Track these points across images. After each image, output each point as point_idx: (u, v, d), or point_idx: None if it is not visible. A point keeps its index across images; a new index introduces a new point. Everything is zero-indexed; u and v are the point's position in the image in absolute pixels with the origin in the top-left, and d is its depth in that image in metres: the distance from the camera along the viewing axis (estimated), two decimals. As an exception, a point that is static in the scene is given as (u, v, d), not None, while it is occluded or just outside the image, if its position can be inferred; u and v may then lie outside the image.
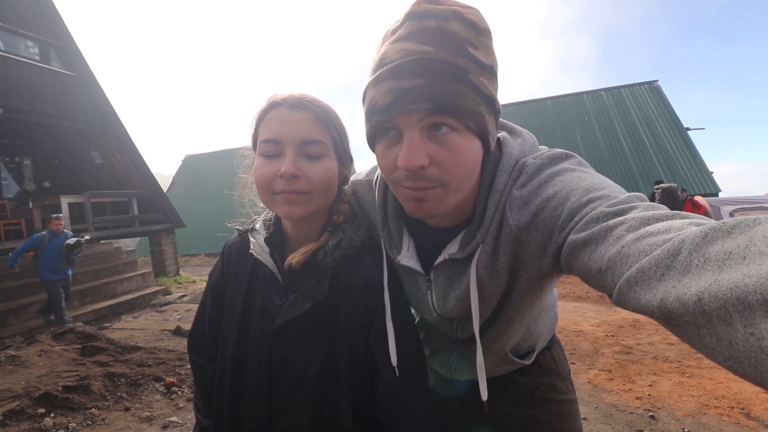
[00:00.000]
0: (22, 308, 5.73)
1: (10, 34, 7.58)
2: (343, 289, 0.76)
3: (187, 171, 21.85)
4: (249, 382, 0.75)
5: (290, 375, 0.74)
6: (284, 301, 0.75)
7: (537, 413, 0.91)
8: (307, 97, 0.72)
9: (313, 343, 0.74)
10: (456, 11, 0.57)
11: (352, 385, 0.73)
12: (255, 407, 0.74)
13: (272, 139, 0.70)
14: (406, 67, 0.55)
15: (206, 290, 0.89)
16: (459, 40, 0.56)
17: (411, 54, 0.56)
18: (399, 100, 0.56)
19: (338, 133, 0.75)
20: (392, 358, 0.72)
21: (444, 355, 0.91)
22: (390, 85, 0.56)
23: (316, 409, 0.72)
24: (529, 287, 0.69)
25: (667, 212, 0.45)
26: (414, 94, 0.55)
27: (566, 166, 0.64)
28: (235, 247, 0.86)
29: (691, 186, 13.33)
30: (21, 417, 2.75)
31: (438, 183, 0.60)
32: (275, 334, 0.74)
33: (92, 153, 9.55)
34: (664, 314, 0.36)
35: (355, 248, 0.76)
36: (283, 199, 0.70)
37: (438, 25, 0.56)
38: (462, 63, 0.56)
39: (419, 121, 0.57)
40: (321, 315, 0.75)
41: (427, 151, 0.58)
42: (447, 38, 0.56)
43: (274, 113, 0.71)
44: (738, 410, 2.61)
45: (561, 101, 18.15)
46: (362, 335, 0.75)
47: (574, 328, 4.44)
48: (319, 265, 0.75)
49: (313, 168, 0.70)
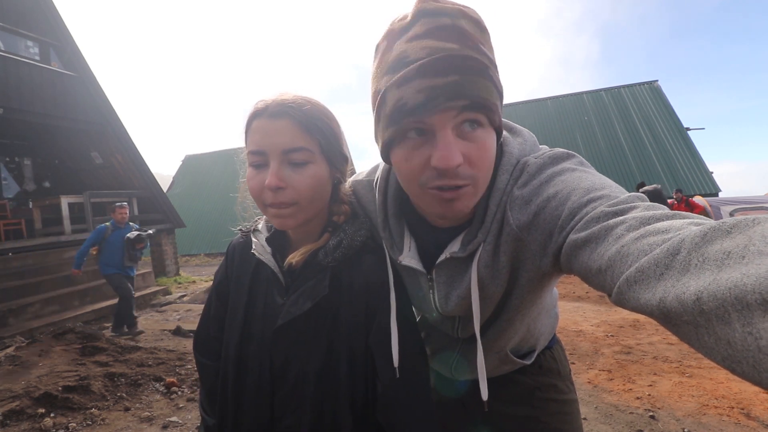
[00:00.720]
0: (22, 308, 5.72)
1: (10, 34, 7.58)
2: (344, 289, 0.76)
3: (187, 171, 21.84)
4: (251, 382, 0.76)
5: (291, 374, 0.74)
6: (285, 301, 0.76)
7: (537, 413, 0.91)
8: (289, 101, 0.70)
9: (313, 342, 0.74)
10: (461, 10, 0.57)
11: (351, 385, 0.73)
12: (257, 407, 0.75)
13: (256, 150, 0.70)
14: (437, 64, 0.53)
15: (211, 289, 0.90)
16: (472, 38, 0.57)
17: (438, 51, 0.54)
18: (433, 99, 0.54)
19: (325, 134, 0.73)
20: (394, 359, 0.72)
21: (445, 354, 0.91)
22: (421, 84, 0.54)
23: (316, 409, 0.72)
24: (530, 287, 0.69)
25: (667, 212, 0.45)
26: (449, 92, 0.54)
27: (567, 166, 0.64)
28: (239, 248, 0.86)
29: (691, 186, 13.34)
30: (21, 417, 2.74)
31: (470, 180, 0.60)
32: (276, 333, 0.75)
33: (92, 153, 9.55)
34: (663, 313, 0.36)
35: (355, 248, 0.76)
36: (274, 213, 0.71)
37: (453, 22, 0.56)
38: (482, 59, 0.56)
39: (454, 118, 0.56)
40: (321, 314, 0.75)
41: (460, 149, 0.57)
42: (464, 35, 0.56)
43: (256, 123, 0.71)
44: (738, 410, 2.61)
45: (561, 101, 18.15)
46: (362, 335, 0.75)
47: (574, 328, 4.44)
48: (320, 264, 0.75)
49: (297, 177, 0.70)
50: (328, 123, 0.74)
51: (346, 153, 0.80)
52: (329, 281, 0.75)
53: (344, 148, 0.79)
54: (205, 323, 0.90)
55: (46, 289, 6.34)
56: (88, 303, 6.64)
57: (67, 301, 6.31)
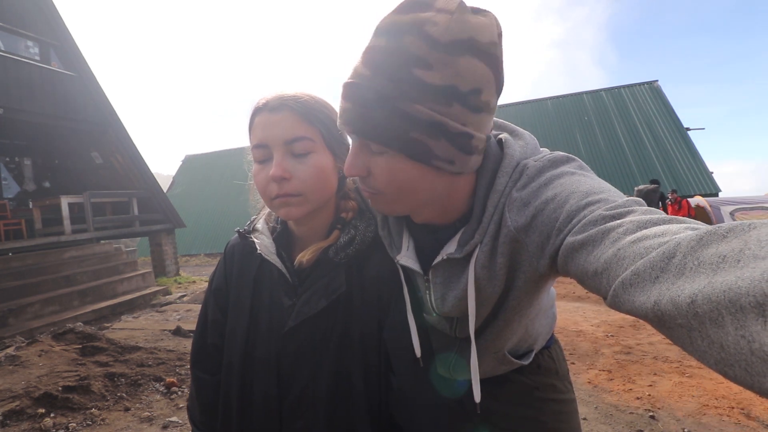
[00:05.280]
0: (22, 308, 5.73)
1: (10, 34, 7.58)
2: (355, 284, 0.75)
3: (187, 171, 21.85)
4: (258, 388, 0.74)
5: (302, 377, 0.72)
6: (295, 302, 0.74)
7: (536, 413, 0.91)
8: (288, 96, 0.71)
9: (325, 341, 0.73)
10: (419, 23, 0.54)
11: (364, 376, 0.72)
12: (265, 413, 0.73)
13: (259, 144, 0.71)
14: (345, 89, 0.60)
15: (207, 295, 0.87)
16: (403, 62, 0.55)
17: (353, 75, 0.60)
18: (341, 117, 0.62)
19: (326, 124, 0.73)
20: (416, 350, 0.72)
21: (443, 354, 0.91)
22: (339, 102, 0.62)
23: (330, 406, 0.71)
24: (526, 288, 0.69)
25: (665, 216, 0.45)
26: (343, 118, 0.61)
27: (567, 170, 0.64)
28: (238, 248, 0.84)
29: (691, 186, 13.34)
30: (21, 417, 2.75)
31: (376, 191, 0.66)
32: (286, 336, 0.73)
33: (92, 153, 9.56)
34: (657, 316, 0.36)
35: (367, 243, 0.76)
36: (279, 203, 0.71)
37: (386, 44, 0.56)
38: (393, 90, 0.56)
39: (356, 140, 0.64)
40: (334, 312, 0.74)
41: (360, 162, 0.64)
42: (389, 60, 0.56)
43: (257, 119, 0.72)
44: (738, 410, 2.61)
45: (561, 101, 18.15)
46: (374, 324, 0.74)
47: (574, 328, 4.43)
48: (331, 262, 0.74)
49: (301, 167, 0.70)
50: (328, 113, 0.74)
51: (349, 143, 0.80)
52: (344, 277, 0.74)
53: (347, 138, 0.78)
54: (202, 334, 0.85)
55: (46, 289, 6.34)
56: (88, 303, 6.65)
57: (67, 301, 6.32)
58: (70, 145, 9.66)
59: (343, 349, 0.73)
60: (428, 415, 0.73)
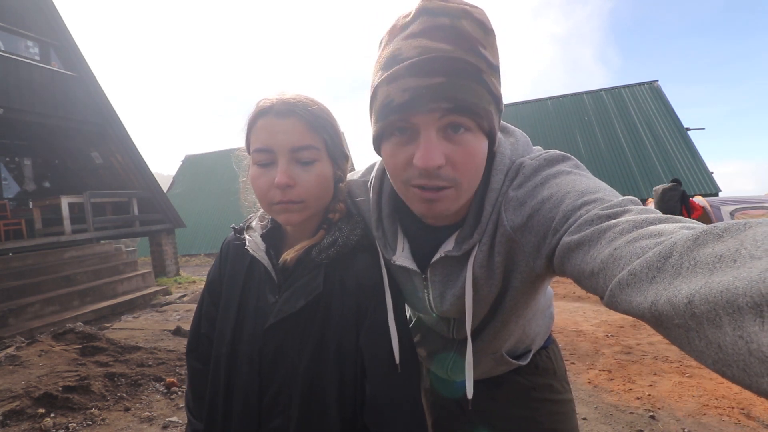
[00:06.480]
0: (22, 308, 5.73)
1: (10, 34, 7.58)
2: (336, 287, 0.76)
3: (187, 171, 21.84)
4: (240, 383, 0.75)
5: (279, 375, 0.74)
6: (278, 299, 0.75)
7: (533, 413, 0.91)
8: (295, 101, 0.71)
9: (303, 341, 0.74)
10: (466, 10, 0.57)
11: (338, 385, 0.73)
12: (245, 407, 0.74)
13: (263, 148, 0.70)
14: (426, 65, 0.54)
15: (204, 287, 0.90)
16: (471, 39, 0.56)
17: (429, 51, 0.54)
18: (418, 98, 0.55)
19: (330, 133, 0.74)
20: (396, 356, 0.72)
21: (441, 356, 0.91)
22: (407, 83, 0.55)
23: (303, 409, 0.71)
24: (523, 288, 0.69)
25: (660, 216, 0.45)
26: (434, 93, 0.54)
27: (563, 169, 0.64)
28: (233, 246, 0.86)
29: (691, 186, 13.32)
30: (21, 417, 2.75)
31: (452, 183, 0.60)
32: (267, 332, 0.74)
33: (92, 153, 9.55)
34: (655, 317, 0.36)
35: (350, 246, 0.76)
36: (281, 209, 0.71)
37: (452, 23, 0.55)
38: (477, 62, 0.55)
39: (438, 120, 0.57)
40: (313, 312, 0.74)
41: (443, 151, 0.57)
42: (461, 37, 0.55)
43: (262, 122, 0.71)
44: (738, 410, 2.61)
45: (561, 101, 18.13)
46: (352, 335, 0.74)
47: (574, 328, 4.43)
48: (313, 261, 0.75)
49: (305, 175, 0.70)
50: (332, 122, 0.76)
51: (347, 151, 0.81)
52: (323, 279, 0.74)
53: (345, 147, 0.80)
54: (197, 325, 0.89)
55: (46, 289, 6.34)
56: (88, 303, 6.65)
57: (67, 301, 6.32)
58: (70, 145, 9.66)
59: (319, 356, 0.73)
60: (403, 423, 0.73)
